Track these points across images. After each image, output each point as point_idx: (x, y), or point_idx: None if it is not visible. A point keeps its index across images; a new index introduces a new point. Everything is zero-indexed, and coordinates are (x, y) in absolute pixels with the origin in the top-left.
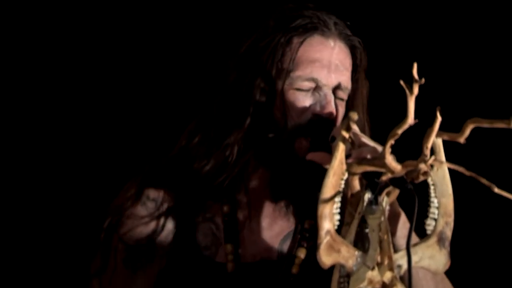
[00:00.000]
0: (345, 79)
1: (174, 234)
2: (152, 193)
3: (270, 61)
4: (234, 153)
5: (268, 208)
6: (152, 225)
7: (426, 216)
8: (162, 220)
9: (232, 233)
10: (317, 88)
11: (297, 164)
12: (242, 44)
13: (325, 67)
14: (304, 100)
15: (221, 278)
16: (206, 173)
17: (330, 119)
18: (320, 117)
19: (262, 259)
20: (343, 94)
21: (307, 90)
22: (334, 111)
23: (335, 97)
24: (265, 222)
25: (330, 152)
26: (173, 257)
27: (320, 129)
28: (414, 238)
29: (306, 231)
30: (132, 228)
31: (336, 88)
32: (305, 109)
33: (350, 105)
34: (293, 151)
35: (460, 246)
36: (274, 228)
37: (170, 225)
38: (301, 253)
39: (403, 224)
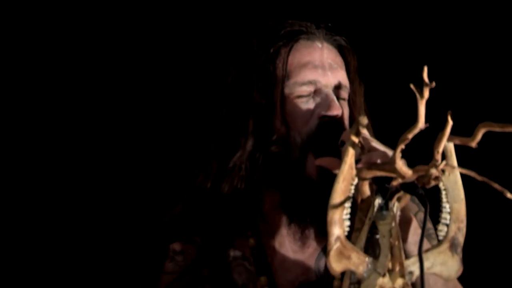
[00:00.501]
0: (342, 76)
1: (209, 280)
2: (177, 246)
3: (262, 77)
4: (241, 176)
5: (292, 231)
6: (186, 278)
7: (438, 222)
8: (195, 270)
9: (263, 265)
10: (317, 91)
11: (309, 185)
12: (230, 70)
13: (318, 68)
14: (307, 106)
15: None
16: (221, 207)
17: (337, 120)
18: (326, 119)
19: (301, 284)
20: (344, 93)
21: (308, 96)
22: (339, 110)
23: (337, 97)
24: (294, 245)
25: (339, 157)
26: None
27: (329, 133)
28: (426, 244)
29: None
30: (167, 286)
31: (336, 88)
32: (309, 115)
33: (352, 106)
34: (303, 173)
35: (472, 252)
36: (305, 249)
37: (203, 272)
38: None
39: (414, 230)
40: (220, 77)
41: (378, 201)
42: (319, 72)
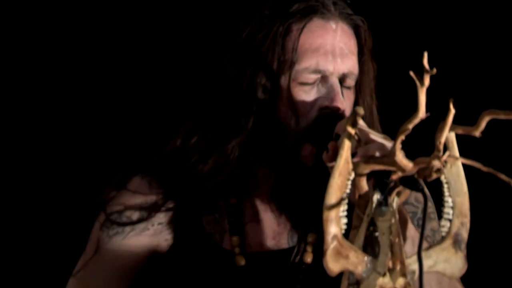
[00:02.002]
0: (352, 63)
1: (175, 217)
2: (155, 176)
3: (270, 54)
4: (235, 155)
5: (274, 206)
6: (150, 198)
7: (440, 217)
8: (162, 197)
9: (238, 224)
10: (323, 79)
11: (303, 172)
12: (237, 37)
13: (329, 53)
14: (310, 95)
15: (230, 269)
16: (205, 173)
17: (338, 114)
18: (328, 111)
19: (271, 249)
20: (351, 81)
21: (312, 83)
22: (343, 103)
23: (342, 85)
24: (271, 215)
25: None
26: (179, 240)
27: (327, 125)
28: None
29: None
30: (124, 197)
31: (343, 76)
32: (311, 105)
33: (357, 89)
34: (298, 159)
35: (477, 248)
36: (281, 220)
37: (171, 205)
38: (311, 238)
39: (410, 230)
40: (227, 41)
41: (376, 196)
42: (329, 58)
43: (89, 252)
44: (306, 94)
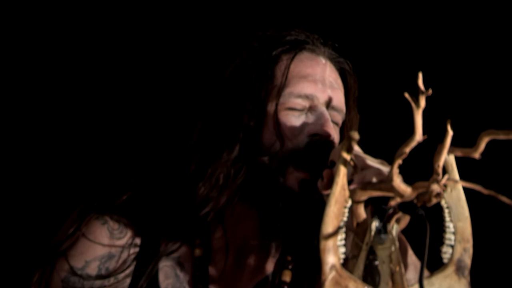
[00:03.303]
0: (340, 98)
1: (134, 270)
2: (117, 219)
3: (259, 80)
4: (219, 183)
5: (244, 252)
6: (112, 250)
7: (442, 243)
8: (123, 249)
9: (202, 278)
10: (312, 107)
11: (290, 197)
12: (227, 65)
13: (318, 82)
14: (298, 120)
15: None
16: (185, 206)
17: (328, 141)
18: (317, 138)
19: None
20: (339, 117)
21: (301, 110)
22: (332, 130)
23: (331, 119)
24: (239, 266)
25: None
26: None
27: (317, 155)
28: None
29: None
30: (84, 247)
31: (332, 108)
32: (300, 131)
33: (345, 134)
34: (284, 184)
35: (481, 275)
36: (247, 272)
37: (131, 257)
38: (287, 276)
39: (411, 256)
40: (214, 74)
41: (375, 224)
42: (318, 86)
43: None
44: (295, 119)
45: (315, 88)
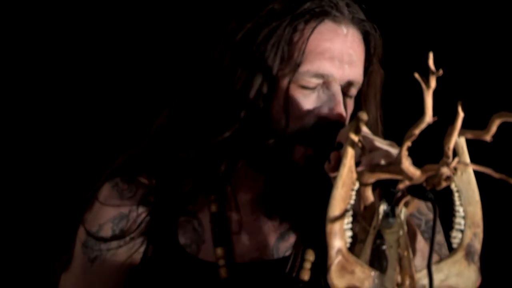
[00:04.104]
0: (358, 72)
1: (149, 227)
2: (127, 179)
3: (273, 53)
4: (223, 148)
5: (260, 212)
6: (123, 210)
7: (451, 228)
8: (135, 207)
9: (223, 234)
10: (325, 84)
11: (295, 172)
12: (239, 27)
13: (336, 59)
14: (309, 100)
15: (212, 282)
16: (190, 162)
17: (338, 123)
18: (326, 121)
19: (253, 260)
20: (354, 90)
21: (313, 88)
22: (344, 113)
23: (345, 94)
24: (256, 223)
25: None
26: (151, 253)
27: (325, 136)
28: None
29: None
30: (97, 211)
31: (347, 84)
32: (309, 111)
33: (362, 100)
34: (290, 159)
35: (491, 260)
36: (269, 227)
37: (143, 214)
38: (310, 255)
39: (419, 242)
40: (227, 30)
41: (383, 207)
42: (335, 63)
43: (73, 272)
44: (305, 98)
45: (332, 66)
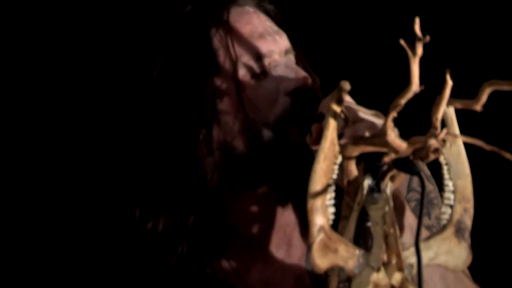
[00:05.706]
0: (287, 39)
1: None
2: None
3: (201, 76)
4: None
5: (275, 230)
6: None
7: (441, 203)
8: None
9: None
10: (271, 63)
11: (301, 152)
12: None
13: (265, 35)
14: (267, 84)
15: None
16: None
17: (310, 89)
18: (298, 93)
19: None
20: (292, 58)
21: (264, 72)
22: (308, 77)
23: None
24: (279, 251)
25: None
26: None
27: (305, 107)
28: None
29: None
30: None
31: (288, 53)
32: (274, 94)
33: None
34: (290, 143)
35: (483, 237)
36: (292, 252)
37: None
38: None
39: (407, 218)
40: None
41: (367, 182)
42: (267, 39)
43: None
44: (263, 85)
45: (265, 42)
